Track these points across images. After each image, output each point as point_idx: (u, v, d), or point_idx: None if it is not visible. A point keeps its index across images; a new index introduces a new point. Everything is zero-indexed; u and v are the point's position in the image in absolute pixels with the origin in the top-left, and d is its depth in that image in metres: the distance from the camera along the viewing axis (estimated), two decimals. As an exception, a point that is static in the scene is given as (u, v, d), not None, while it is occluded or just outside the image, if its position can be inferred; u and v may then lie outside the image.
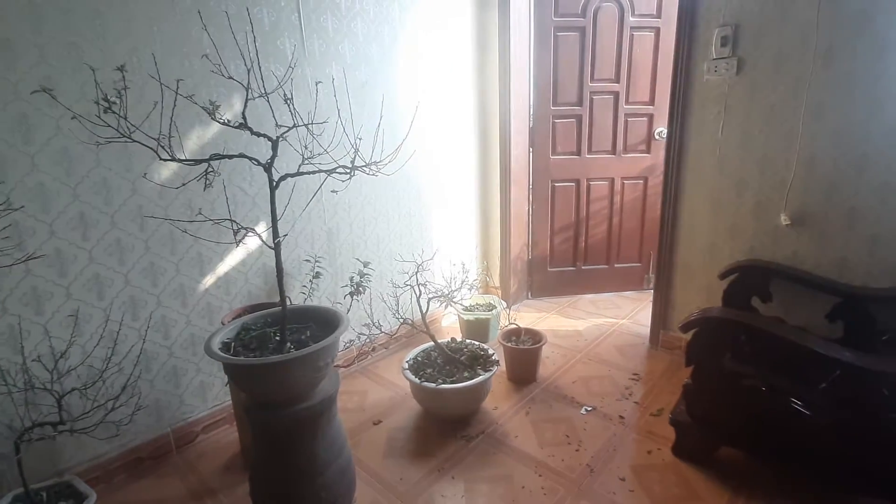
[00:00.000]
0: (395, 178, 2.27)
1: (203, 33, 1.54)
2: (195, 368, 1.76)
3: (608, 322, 2.71)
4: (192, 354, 1.74)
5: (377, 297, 2.24)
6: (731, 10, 1.90)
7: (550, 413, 1.90)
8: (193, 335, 1.73)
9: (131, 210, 1.53)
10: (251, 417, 1.32)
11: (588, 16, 2.69)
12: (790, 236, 1.90)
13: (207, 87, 1.60)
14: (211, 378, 1.80)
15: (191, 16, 1.54)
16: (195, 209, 1.61)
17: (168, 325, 1.67)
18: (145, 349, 1.59)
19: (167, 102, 1.20)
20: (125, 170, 1.49)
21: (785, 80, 1.82)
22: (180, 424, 1.74)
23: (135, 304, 1.58)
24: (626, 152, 2.91)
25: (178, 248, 1.64)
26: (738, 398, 1.47)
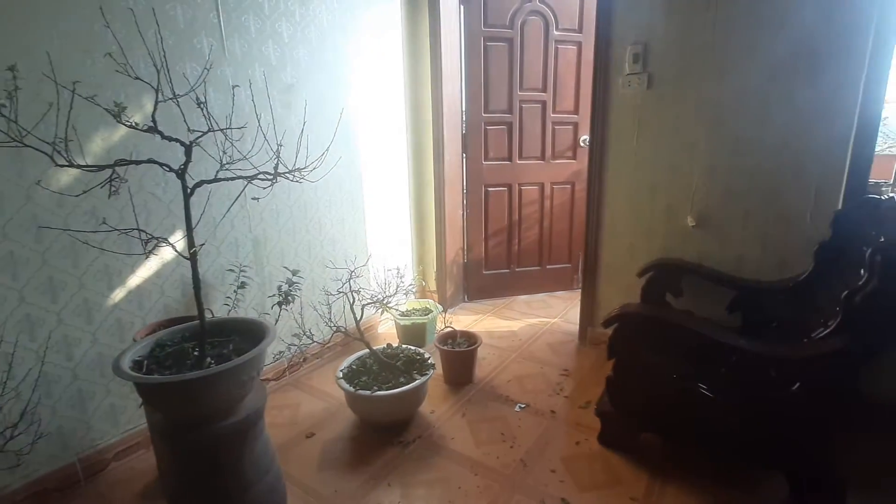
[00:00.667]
0: (327, 184, 2.22)
1: (107, 29, 1.42)
2: (104, 391, 1.61)
3: (541, 321, 2.82)
4: (99, 376, 1.59)
5: (308, 305, 2.18)
6: (640, 31, 2.07)
7: (486, 413, 1.94)
8: (101, 354, 1.59)
9: (25, 220, 1.38)
10: (169, 439, 1.24)
11: (515, 27, 2.79)
12: (696, 236, 2.09)
13: (114, 87, 1.48)
14: (122, 400, 1.66)
15: (95, 10, 1.42)
16: (100, 218, 1.48)
17: (71, 345, 1.52)
18: (45, 372, 1.44)
19: (65, 103, 1.10)
20: (17, 176, 1.34)
21: (688, 95, 2.00)
22: (88, 452, 1.59)
23: (32, 322, 1.42)
24: (555, 158, 3.06)
25: (82, 260, 1.50)
26: (654, 387, 1.59)
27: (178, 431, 1.24)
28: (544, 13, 2.81)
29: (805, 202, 1.84)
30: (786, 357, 1.35)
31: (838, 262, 1.62)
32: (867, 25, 1.63)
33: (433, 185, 2.83)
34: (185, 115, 1.23)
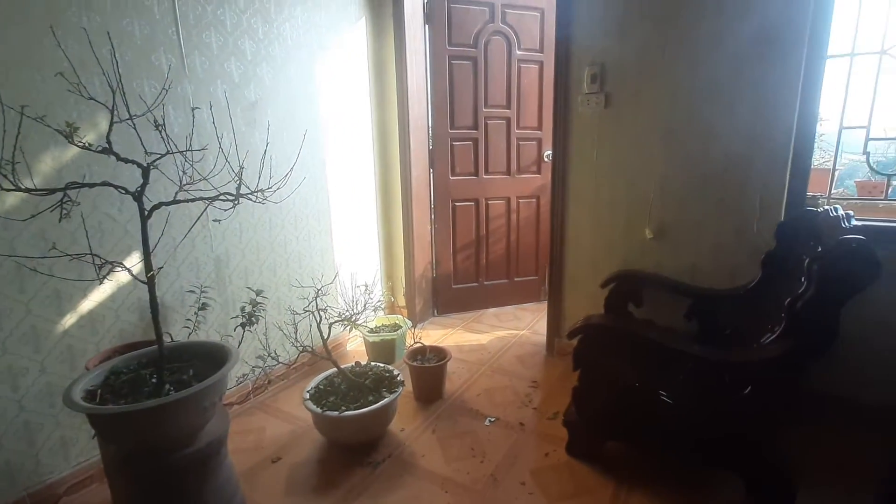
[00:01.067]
0: (293, 202, 2.20)
1: (58, 46, 1.37)
2: (53, 422, 1.52)
3: (510, 334, 2.85)
4: (48, 406, 1.51)
5: (274, 325, 2.13)
6: (597, 52, 2.16)
7: (456, 428, 1.94)
8: (50, 384, 1.50)
9: (-37, 244, 1.30)
10: (125, 472, 1.18)
11: (479, 47, 2.87)
12: (654, 248, 2.18)
13: (66, 106, 1.43)
14: (74, 432, 1.57)
15: (45, 26, 1.37)
16: (50, 241, 1.41)
17: (16, 375, 1.43)
18: (-16, 406, 1.35)
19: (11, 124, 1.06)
20: (-46, 198, 1.27)
21: (643, 112, 2.10)
22: (38, 487, 1.49)
23: (-32, 354, 1.34)
24: (520, 173, 3.13)
25: (29, 285, 1.42)
26: (617, 395, 1.64)
27: (135, 463, 1.18)
28: (507, 34, 2.90)
29: (751, 213, 1.96)
30: (735, 362, 1.42)
31: (783, 270, 1.73)
32: (799, 50, 1.77)
33: (401, 200, 2.84)
34: (143, 136, 1.21)
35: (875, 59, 1.84)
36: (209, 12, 1.81)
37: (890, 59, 1.81)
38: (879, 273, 1.21)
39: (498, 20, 2.87)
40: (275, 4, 2.05)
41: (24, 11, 1.35)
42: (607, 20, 2.11)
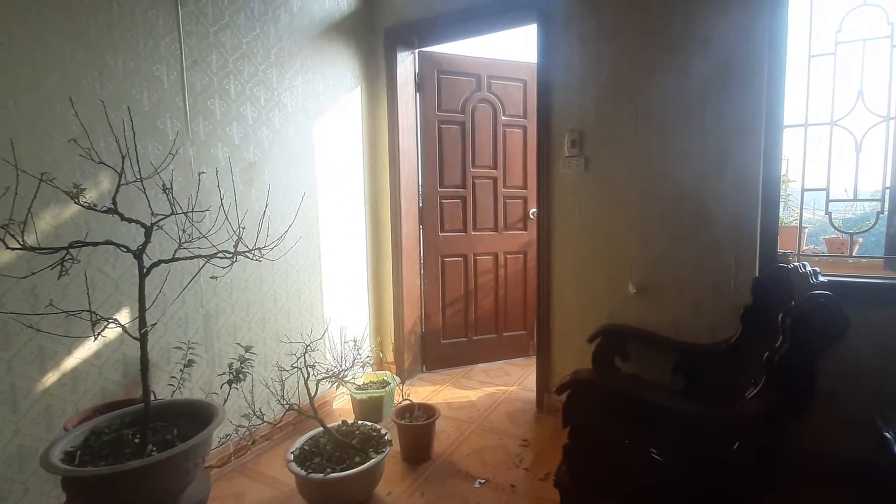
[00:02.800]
0: (284, 257, 2.23)
1: (69, 109, 1.45)
2: (21, 489, 1.44)
3: (499, 390, 2.82)
4: (17, 471, 1.43)
5: (260, 382, 2.09)
6: (575, 121, 2.33)
7: (445, 491, 1.88)
8: (22, 447, 1.44)
9: (-48, 300, 1.30)
10: (95, 543, 1.12)
11: (467, 113, 3.07)
12: (638, 302, 2.24)
13: (70, 165, 1.49)
14: (42, 500, 1.48)
15: (58, 94, 1.46)
16: (41, 297, 1.42)
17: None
18: (-49, 472, 1.28)
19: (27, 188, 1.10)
20: (-51, 254, 1.29)
21: (620, 175, 2.24)
22: (-9, 568, 1.39)
23: (-58, 414, 1.29)
24: (507, 229, 3.23)
25: (14, 342, 1.40)
26: (607, 453, 1.62)
27: (108, 532, 1.13)
28: (492, 101, 3.11)
29: (727, 270, 2.05)
30: (719, 418, 1.43)
31: (762, 324, 1.79)
32: (758, 122, 1.94)
33: (391, 255, 2.90)
34: (144, 196, 1.26)
35: (827, 129, 2.02)
36: (216, 82, 1.93)
37: (839, 129, 1.99)
38: (847, 327, 1.27)
39: (484, 89, 3.09)
40: (277, 75, 2.20)
41: (39, 81, 1.44)
42: (583, 95, 2.30)
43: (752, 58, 1.94)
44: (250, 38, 2.08)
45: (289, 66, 2.27)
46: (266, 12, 2.15)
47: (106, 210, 1.10)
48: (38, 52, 1.43)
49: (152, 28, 1.72)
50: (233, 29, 2.01)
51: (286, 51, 2.25)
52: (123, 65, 1.64)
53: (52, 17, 1.46)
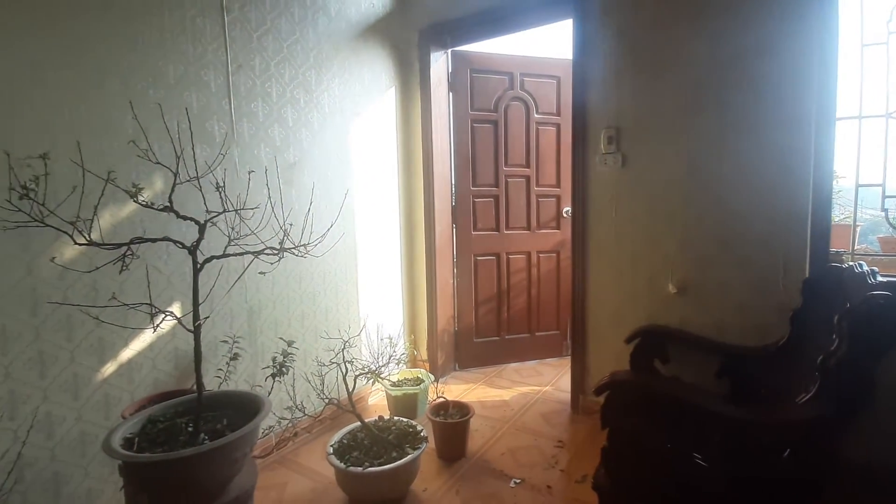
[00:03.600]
0: (322, 255, 2.28)
1: (126, 114, 1.53)
2: (82, 473, 1.53)
3: (533, 390, 2.80)
4: (79, 456, 1.52)
5: (301, 376, 2.15)
6: (612, 117, 2.29)
7: (480, 489, 1.88)
8: (84, 433, 1.53)
9: (22, 294, 1.39)
10: (153, 525, 1.18)
11: (500, 111, 3.05)
12: (678, 303, 2.18)
13: (127, 166, 1.57)
14: (100, 484, 1.57)
15: (116, 99, 1.54)
16: (101, 290, 1.50)
17: (53, 423, 1.47)
18: (22, 453, 1.37)
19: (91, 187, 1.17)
20: (21, 250, 1.38)
21: (659, 173, 2.19)
22: (56, 545, 1.48)
23: (14, 399, 1.38)
24: (540, 228, 3.20)
25: (76, 333, 1.49)
26: (648, 457, 1.58)
27: (164, 516, 1.18)
28: (525, 99, 3.09)
29: (775, 270, 1.97)
30: (769, 423, 1.38)
31: (813, 327, 1.71)
32: (809, 114, 1.86)
33: (424, 255, 2.92)
34: (192, 195, 1.31)
35: (882, 122, 1.91)
36: (258, 85, 2.00)
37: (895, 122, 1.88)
38: (912, 330, 1.20)
39: (517, 87, 3.07)
40: (315, 77, 2.26)
41: (101, 87, 1.52)
42: (621, 89, 2.25)
43: (801, 48, 1.86)
44: (291, 41, 2.14)
45: (326, 68, 2.32)
46: (306, 16, 2.21)
47: (163, 208, 1.16)
48: (100, 59, 1.52)
49: (200, 34, 1.80)
50: (274, 34, 2.07)
51: (324, 53, 2.30)
52: (174, 70, 1.71)
53: (113, 26, 1.55)
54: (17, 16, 1.35)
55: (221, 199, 1.21)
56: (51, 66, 1.42)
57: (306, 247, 1.32)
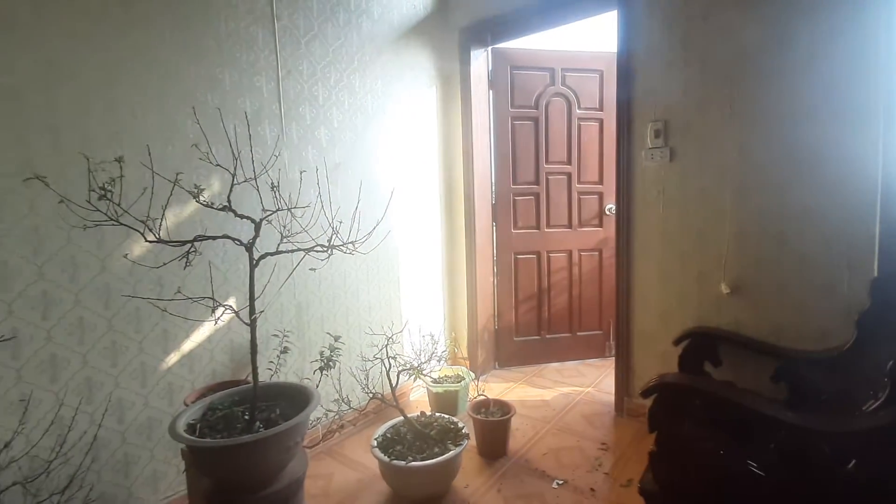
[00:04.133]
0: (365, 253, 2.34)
1: (188, 120, 1.64)
2: (149, 455, 1.65)
3: (574, 391, 2.75)
4: (146, 439, 1.64)
5: (346, 371, 2.21)
6: (659, 110, 2.22)
7: (522, 488, 1.87)
8: (150, 418, 1.64)
9: (98, 288, 1.51)
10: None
11: (540, 108, 3.02)
12: (731, 304, 2.08)
13: (189, 169, 1.67)
14: (165, 466, 1.69)
15: (178, 106, 1.65)
16: (166, 285, 1.61)
17: (124, 408, 1.59)
18: (98, 435, 1.49)
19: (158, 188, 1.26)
20: (96, 248, 1.50)
21: (710, 167, 2.10)
22: (127, 520, 1.60)
23: (91, 385, 1.51)
24: (581, 226, 3.14)
25: (144, 325, 1.61)
26: (699, 463, 1.53)
27: (223, 499, 1.25)
28: (567, 95, 3.04)
29: (839, 270, 1.84)
30: (835, 431, 1.30)
31: (882, 330, 1.59)
32: (875, 103, 1.73)
33: (465, 252, 2.93)
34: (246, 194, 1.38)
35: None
36: (306, 89, 2.07)
37: None
38: None
39: (558, 83, 3.02)
40: (359, 80, 2.31)
41: (164, 96, 1.63)
42: (669, 81, 2.17)
43: (868, 34, 1.73)
44: (336, 46, 2.20)
45: (370, 70, 2.37)
46: (350, 21, 2.27)
47: (222, 207, 1.23)
48: (166, 68, 1.62)
49: (253, 42, 1.88)
50: (321, 39, 2.14)
51: (367, 56, 2.35)
52: (230, 77, 1.81)
53: (176, 37, 1.65)
54: (94, 27, 1.46)
55: (275, 198, 1.27)
56: (125, 76, 1.53)
57: (354, 244, 1.36)
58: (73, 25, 1.43)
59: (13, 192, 1.34)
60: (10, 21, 1.32)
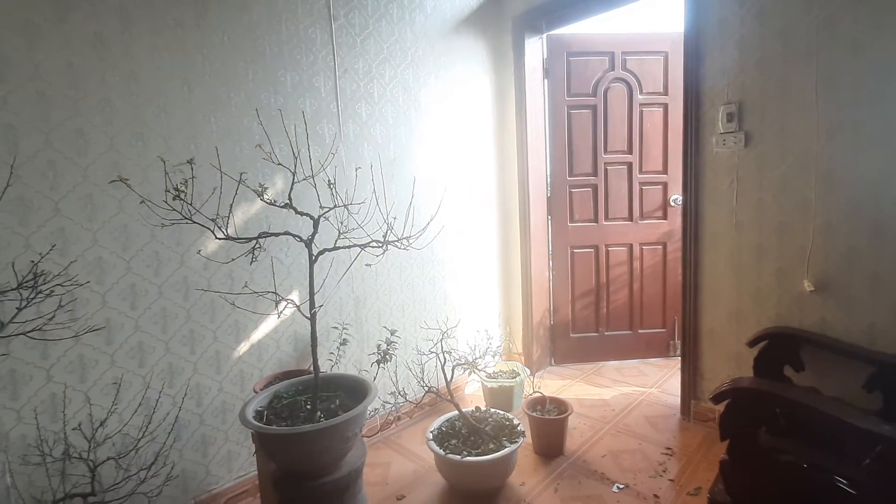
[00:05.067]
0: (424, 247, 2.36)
1: (253, 122, 1.72)
2: (223, 437, 1.77)
3: (636, 391, 2.64)
4: (221, 422, 1.76)
5: (402, 364, 2.26)
6: (733, 90, 2.04)
7: (580, 490, 1.82)
8: (225, 403, 1.76)
9: (177, 281, 1.63)
10: (281, 490, 1.32)
11: (599, 95, 2.89)
12: (816, 302, 1.89)
13: (254, 169, 1.76)
14: (238, 448, 1.81)
15: (244, 109, 1.74)
16: (236, 279, 1.71)
17: (201, 393, 1.71)
18: (179, 417, 1.63)
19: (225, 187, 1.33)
20: (175, 244, 1.62)
21: (793, 152, 1.91)
22: (204, 496, 1.73)
23: (172, 371, 1.64)
24: (643, 219, 2.99)
25: (218, 316, 1.72)
26: (777, 476, 1.41)
27: (287, 484, 1.32)
28: (628, 80, 2.88)
29: (953, 266, 1.62)
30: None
31: None
32: None
33: (520, 247, 2.88)
34: (309, 192, 1.43)
35: None
36: (362, 87, 2.11)
37: None
38: None
39: (618, 67, 2.88)
40: (413, 75, 2.33)
41: (231, 99, 1.72)
42: (743, 59, 1.99)
43: None
44: (390, 42, 2.22)
45: (423, 65, 2.37)
46: (403, 17, 2.28)
47: (283, 205, 1.28)
48: (229, 74, 1.71)
49: (312, 43, 1.94)
50: (375, 36, 2.17)
51: (421, 50, 2.36)
52: (291, 79, 1.88)
53: (238, 42, 1.74)
54: (173, 40, 1.57)
55: (332, 195, 1.31)
56: (196, 82, 1.64)
57: (408, 239, 1.38)
58: (154, 39, 1.54)
59: (105, 194, 1.47)
60: (103, 38, 1.44)
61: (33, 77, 1.34)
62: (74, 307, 1.41)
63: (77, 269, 1.42)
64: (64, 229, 1.40)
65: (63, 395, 1.42)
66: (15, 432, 1.35)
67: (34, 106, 1.34)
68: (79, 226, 1.44)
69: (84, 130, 1.43)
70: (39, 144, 1.36)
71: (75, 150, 1.42)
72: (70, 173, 1.41)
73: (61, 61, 1.38)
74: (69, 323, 1.38)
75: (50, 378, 1.40)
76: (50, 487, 1.38)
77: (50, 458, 1.36)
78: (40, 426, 1.37)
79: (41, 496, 1.37)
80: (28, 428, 1.37)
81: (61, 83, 1.38)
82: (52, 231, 1.38)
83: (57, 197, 1.39)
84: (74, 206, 1.42)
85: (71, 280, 1.30)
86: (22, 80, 1.32)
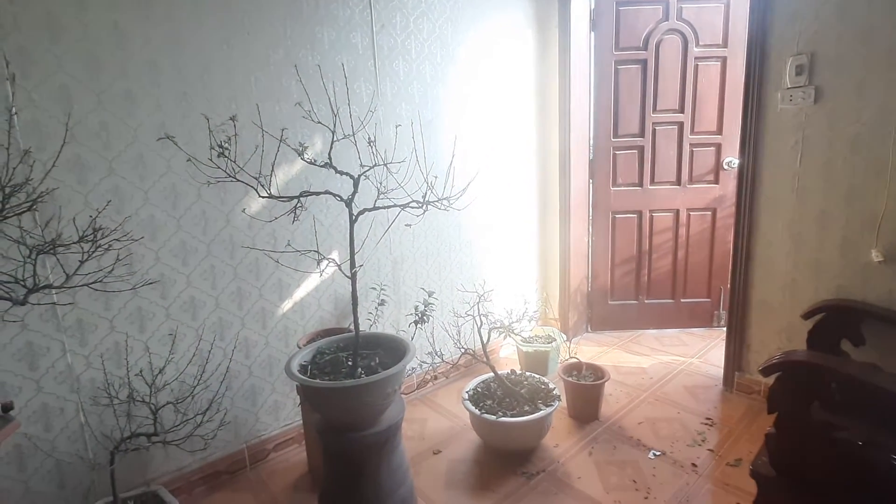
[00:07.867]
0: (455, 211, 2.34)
1: (292, 80, 1.71)
2: (270, 388, 1.87)
3: (675, 360, 2.58)
4: (268, 374, 1.85)
5: (439, 325, 2.28)
6: (805, 39, 1.85)
7: (615, 455, 1.82)
8: (270, 356, 1.85)
9: (224, 240, 1.69)
10: (324, 440, 1.38)
11: (650, 48, 2.69)
12: (884, 274, 1.75)
13: (294, 129, 1.76)
14: (283, 398, 1.90)
15: (282, 67, 1.72)
16: (278, 238, 1.76)
17: (249, 346, 1.80)
18: (230, 368, 1.72)
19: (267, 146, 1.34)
20: (220, 203, 1.66)
21: (870, 108, 1.73)
22: (254, 441, 1.84)
23: (222, 325, 1.72)
24: (692, 183, 2.83)
25: (262, 274, 1.78)
26: (829, 452, 1.35)
27: (330, 434, 1.38)
28: (683, 31, 2.66)
29: None
30: None
31: None
32: None
33: (558, 211, 2.80)
34: (349, 151, 1.42)
35: None
36: (399, 43, 2.04)
37: None
38: None
39: (673, 17, 2.65)
40: (451, 30, 2.23)
41: (270, 56, 1.71)
42: (820, 4, 1.79)
43: None
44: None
45: (462, 19, 2.26)
46: (443, -35, 2.16)
47: (324, 164, 1.27)
48: (267, 32, 1.69)
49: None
50: (414, -13, 2.07)
51: (460, 2, 2.25)
52: (328, 35, 1.83)
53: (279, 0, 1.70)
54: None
55: (371, 154, 1.29)
56: (236, 41, 1.63)
57: (448, 200, 1.35)
58: (194, -5, 1.53)
59: (154, 153, 1.51)
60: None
61: (82, 38, 1.36)
62: (131, 261, 1.49)
63: (131, 225, 1.48)
64: (118, 187, 1.46)
65: (125, 344, 1.52)
66: (85, 376, 1.47)
67: (86, 67, 1.37)
68: (132, 184, 1.49)
69: (132, 91, 1.46)
70: (92, 105, 1.40)
71: (125, 111, 1.45)
72: (121, 134, 1.45)
73: (108, 21, 1.40)
74: (127, 277, 1.46)
75: (113, 328, 1.50)
76: (118, 426, 1.50)
77: (116, 401, 1.48)
78: (107, 371, 1.48)
79: (111, 433, 1.50)
80: (96, 373, 1.48)
81: (109, 42, 1.40)
82: (107, 188, 1.44)
83: (110, 156, 1.44)
84: (127, 166, 1.47)
85: (126, 235, 1.36)
86: (72, 40, 1.35)
